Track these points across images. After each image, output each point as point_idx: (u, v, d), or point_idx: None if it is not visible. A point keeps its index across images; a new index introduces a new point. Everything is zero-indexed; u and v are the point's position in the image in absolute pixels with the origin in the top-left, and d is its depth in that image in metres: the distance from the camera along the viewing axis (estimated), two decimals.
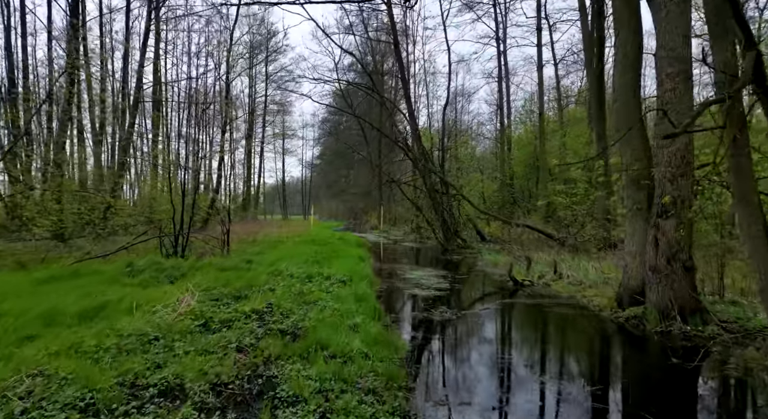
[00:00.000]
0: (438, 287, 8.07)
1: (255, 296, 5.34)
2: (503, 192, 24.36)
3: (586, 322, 5.74)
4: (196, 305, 4.53)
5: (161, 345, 3.40)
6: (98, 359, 3.03)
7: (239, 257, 9.30)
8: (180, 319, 4.08)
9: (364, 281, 7.40)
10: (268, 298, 5.17)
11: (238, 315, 4.40)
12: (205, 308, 4.51)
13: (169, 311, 4.26)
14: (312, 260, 9.53)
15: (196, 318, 4.21)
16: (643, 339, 4.85)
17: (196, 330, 3.93)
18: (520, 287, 8.10)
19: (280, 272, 7.22)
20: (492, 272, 10.36)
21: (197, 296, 5.02)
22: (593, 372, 4.11)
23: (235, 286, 5.83)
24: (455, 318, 5.77)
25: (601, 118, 13.22)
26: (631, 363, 4.40)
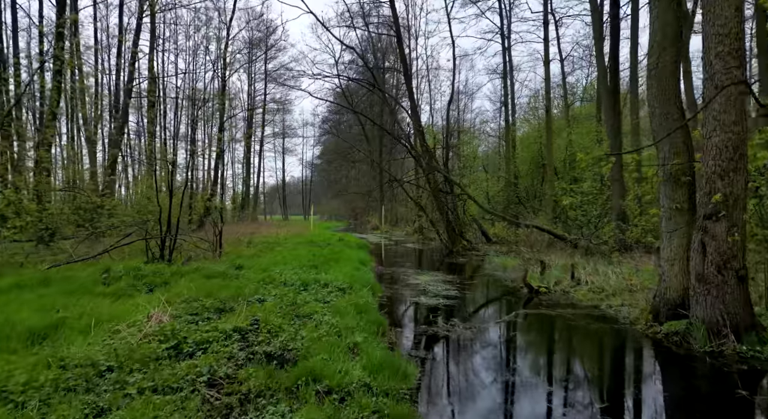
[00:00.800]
0: (446, 294, 7.39)
1: (241, 308, 4.65)
2: (508, 192, 23.67)
3: (620, 339, 5.05)
4: (169, 323, 3.85)
5: (112, 380, 2.72)
6: (23, 403, 2.35)
7: (231, 261, 8.63)
8: (146, 341, 3.40)
9: (365, 288, 6.72)
10: (256, 312, 4.49)
11: (217, 334, 3.72)
12: (180, 326, 3.83)
13: (135, 331, 3.59)
14: (309, 264, 8.85)
15: (165, 339, 3.53)
16: (692, 361, 4.15)
17: (163, 356, 3.25)
18: (536, 294, 7.41)
19: (273, 279, 6.54)
20: (502, 276, 9.67)
21: (173, 310, 4.35)
22: (643, 408, 3.42)
23: (220, 296, 5.15)
24: (469, 332, 5.09)
25: (615, 112, 12.51)
26: (687, 394, 3.70)
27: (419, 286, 8.18)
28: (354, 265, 9.41)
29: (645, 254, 11.27)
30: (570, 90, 26.88)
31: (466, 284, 8.60)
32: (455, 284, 8.41)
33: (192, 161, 25.65)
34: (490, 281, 9.17)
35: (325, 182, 56.61)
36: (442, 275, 9.81)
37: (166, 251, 8.66)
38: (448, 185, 15.99)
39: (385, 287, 8.01)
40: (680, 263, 4.97)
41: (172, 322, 3.89)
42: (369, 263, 11.20)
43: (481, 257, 13.61)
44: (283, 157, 54.90)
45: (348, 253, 12.17)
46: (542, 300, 6.99)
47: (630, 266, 9.10)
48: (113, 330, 3.67)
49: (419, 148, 15.69)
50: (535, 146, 25.45)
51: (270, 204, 65.68)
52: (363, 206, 38.33)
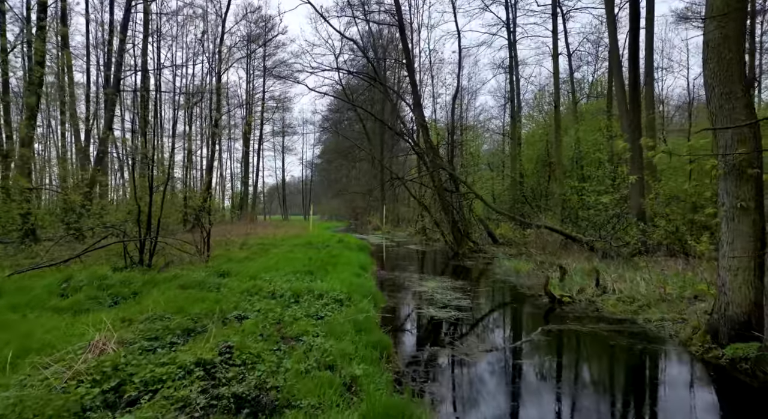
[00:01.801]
0: (457, 304, 6.54)
1: (215, 329, 3.81)
2: (514, 191, 22.80)
3: (674, 364, 4.20)
4: (115, 354, 3.00)
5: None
6: None
7: (217, 266, 7.78)
8: (74, 384, 2.56)
9: (366, 299, 5.88)
10: (231, 334, 3.64)
11: (174, 369, 2.87)
12: (128, 358, 2.99)
13: (64, 368, 2.74)
14: (304, 270, 8.00)
15: (104, 378, 2.69)
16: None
17: (93, 405, 2.41)
18: (559, 304, 6.56)
19: (261, 289, 5.69)
20: (516, 282, 8.82)
21: (128, 333, 3.51)
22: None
23: (193, 312, 4.30)
24: (490, 356, 4.24)
25: (634, 105, 11.64)
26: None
27: (426, 294, 7.33)
28: (353, 270, 8.57)
29: (669, 258, 10.42)
30: (578, 85, 26.00)
31: (478, 292, 7.75)
32: (466, 292, 7.56)
33: (188, 159, 24.84)
34: (504, 288, 8.31)
35: (325, 182, 55.80)
36: (449, 280, 8.96)
37: (146, 255, 7.83)
38: (453, 184, 15.14)
39: (388, 295, 7.16)
40: (746, 274, 4.11)
41: (119, 352, 3.04)
42: (370, 267, 10.36)
43: (490, 260, 12.76)
44: (282, 156, 54.16)
45: (347, 256, 11.32)
46: (567, 312, 6.13)
47: (657, 272, 8.24)
48: (39, 366, 2.83)
49: (423, 144, 14.83)
50: (541, 143, 24.61)
51: (270, 204, 64.93)
52: (364, 205, 37.48)
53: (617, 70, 14.79)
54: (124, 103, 24.54)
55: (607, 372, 4.24)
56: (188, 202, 20.74)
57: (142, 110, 19.70)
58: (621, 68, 15.16)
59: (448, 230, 14.58)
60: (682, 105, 32.73)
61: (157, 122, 27.60)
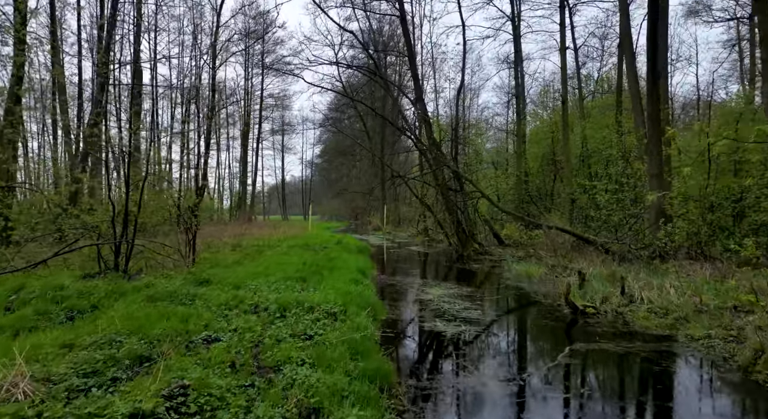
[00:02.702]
0: (467, 316, 5.79)
1: (173, 358, 3.06)
2: (519, 190, 22.03)
3: (741, 400, 3.45)
4: (27, 400, 2.26)
5: None
6: None
7: (200, 272, 7.04)
8: None
9: (364, 311, 5.13)
10: (192, 366, 2.89)
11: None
12: (41, 407, 2.24)
13: None
14: (297, 275, 7.25)
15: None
16: None
17: None
18: (582, 316, 5.81)
19: (243, 300, 4.94)
20: (529, 289, 8.06)
21: (60, 366, 2.76)
22: None
23: (153, 333, 3.56)
24: (513, 386, 3.49)
25: (653, 98, 10.86)
26: None
27: (431, 304, 6.58)
28: (351, 275, 7.81)
29: (692, 261, 9.66)
30: (585, 81, 25.22)
31: (489, 302, 6.99)
32: (475, 301, 6.81)
33: (186, 155, 24.11)
34: (517, 296, 7.55)
35: (325, 182, 55.11)
36: (456, 286, 8.20)
37: (121, 259, 7.09)
38: (458, 182, 14.38)
39: (389, 305, 6.42)
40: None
41: (34, 397, 2.30)
42: (369, 272, 9.61)
43: (497, 263, 12.01)
44: (282, 155, 53.46)
45: (345, 259, 10.57)
46: (593, 326, 5.37)
47: (684, 278, 7.48)
48: None
49: (425, 140, 14.08)
50: (547, 141, 23.87)
51: (269, 204, 64.27)
52: (364, 205, 36.74)
53: (630, 60, 14.04)
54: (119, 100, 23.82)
55: (658, 412, 3.48)
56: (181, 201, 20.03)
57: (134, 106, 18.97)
58: (634, 59, 14.41)
59: (452, 231, 13.83)
60: (689, 103, 31.99)
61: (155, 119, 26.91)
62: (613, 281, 8.45)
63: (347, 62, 18.61)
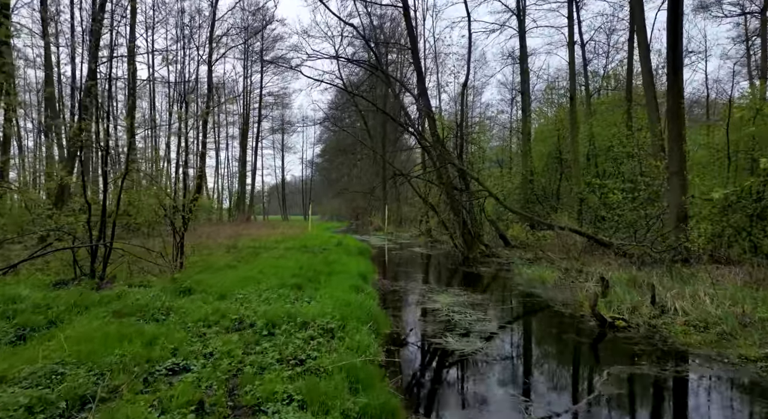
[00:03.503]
0: (481, 330, 5.13)
1: (123, 398, 2.42)
2: (525, 189, 21.36)
3: None
4: None
5: None
6: None
7: (185, 279, 6.38)
8: None
9: (365, 326, 4.49)
10: (142, 411, 2.25)
11: None
12: None
13: None
14: (292, 282, 6.60)
15: None
16: None
17: None
18: (611, 329, 5.15)
19: (225, 314, 4.29)
20: (545, 296, 7.39)
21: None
22: None
23: (107, 361, 2.91)
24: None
25: (673, 92, 10.17)
26: None
27: (440, 314, 5.92)
28: (351, 281, 7.16)
29: (719, 265, 9.00)
30: (592, 78, 24.51)
31: (504, 311, 6.34)
32: (488, 311, 6.15)
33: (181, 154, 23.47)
34: (534, 305, 6.88)
35: (326, 182, 54.47)
36: (464, 293, 7.55)
37: (98, 264, 6.45)
38: (463, 181, 13.72)
39: (393, 316, 5.76)
40: None
41: None
42: (371, 276, 8.96)
43: (506, 266, 11.35)
44: (282, 154, 52.86)
45: (345, 262, 9.93)
46: (626, 342, 4.72)
47: (717, 285, 6.82)
48: None
49: (429, 137, 13.41)
50: (553, 139, 23.22)
51: (270, 204, 63.67)
52: (365, 205, 36.07)
53: (645, 52, 13.38)
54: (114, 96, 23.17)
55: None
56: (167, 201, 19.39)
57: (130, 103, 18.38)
58: (649, 51, 13.74)
59: (457, 232, 13.17)
60: (696, 100, 31.25)
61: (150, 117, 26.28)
62: (634, 286, 7.82)
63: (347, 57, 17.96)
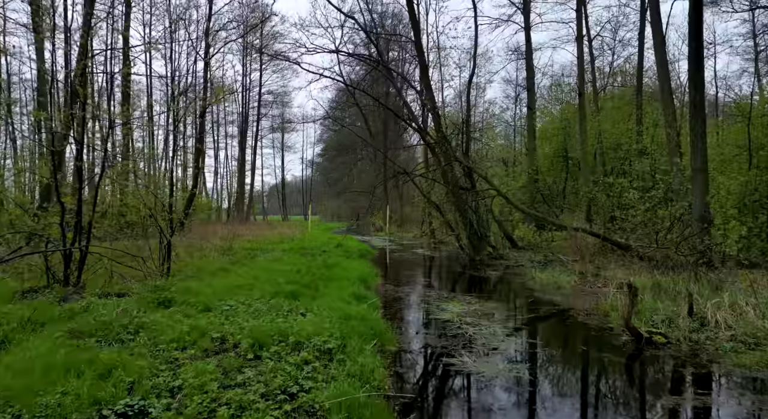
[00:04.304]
0: (503, 348, 4.49)
1: None
2: (531, 189, 20.71)
3: None
4: None
5: None
6: None
7: (167, 287, 5.76)
8: None
9: (368, 344, 3.87)
10: None
11: None
12: None
13: None
14: (287, 290, 5.97)
15: None
16: None
17: None
18: (649, 346, 4.51)
19: (205, 332, 3.66)
20: (564, 304, 6.76)
21: None
22: None
23: (40, 403, 2.29)
24: None
25: (695, 81, 9.52)
26: None
27: (451, 326, 5.28)
28: (352, 288, 6.55)
29: (748, 270, 8.37)
30: (600, 74, 23.88)
31: (522, 323, 5.70)
32: (505, 323, 5.52)
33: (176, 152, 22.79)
34: (555, 315, 6.23)
35: (326, 182, 53.86)
36: (476, 300, 6.91)
37: (73, 270, 5.83)
38: (469, 180, 13.08)
39: (398, 330, 5.13)
40: None
41: None
42: (373, 281, 8.34)
43: (515, 269, 10.72)
44: (282, 154, 52.17)
45: (346, 266, 9.31)
46: (671, 363, 4.08)
47: (755, 292, 6.18)
48: None
49: (434, 134, 12.77)
50: (558, 138, 22.58)
51: (270, 204, 63.09)
52: (366, 205, 35.45)
53: (659, 44, 12.75)
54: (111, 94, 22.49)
55: None
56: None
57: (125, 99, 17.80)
58: (664, 42, 13.12)
59: (463, 233, 12.54)
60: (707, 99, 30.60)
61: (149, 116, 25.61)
62: (659, 292, 7.21)
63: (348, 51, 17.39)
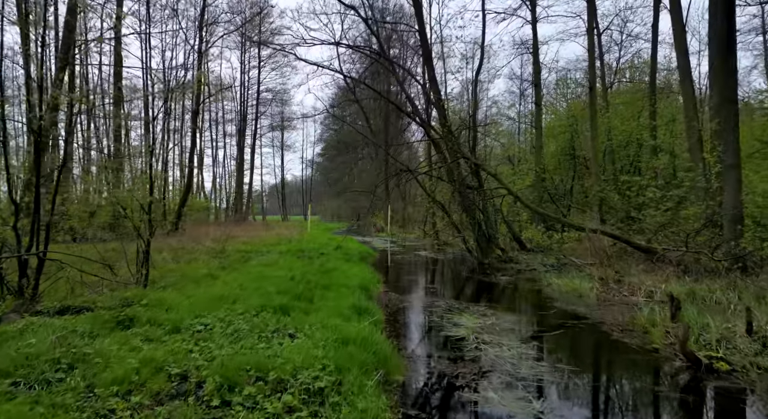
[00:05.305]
0: (530, 375, 3.72)
1: None
2: (539, 188, 19.91)
3: None
4: None
5: None
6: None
7: (139, 297, 4.99)
8: None
9: (371, 379, 3.09)
10: None
11: None
12: None
13: None
14: (277, 302, 5.18)
15: None
16: None
17: None
18: (709, 374, 3.73)
19: (163, 366, 2.88)
20: (591, 317, 5.96)
21: None
22: None
23: None
24: None
25: (725, 70, 8.73)
26: None
27: (467, 347, 4.50)
28: (352, 298, 5.76)
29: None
30: (609, 68, 23.07)
31: (549, 342, 4.90)
32: (529, 342, 4.73)
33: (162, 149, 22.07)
34: (584, 332, 5.41)
35: (326, 181, 53.09)
36: (490, 312, 6.13)
37: (31, 280, 5.05)
38: (476, 178, 12.29)
39: (405, 351, 4.35)
40: None
41: None
42: (375, 288, 7.56)
43: (528, 274, 9.93)
44: (282, 153, 51.38)
45: (345, 271, 8.54)
46: (752, 403, 3.30)
47: None
48: None
49: (439, 128, 11.98)
50: (566, 135, 21.80)
51: (270, 204, 62.36)
52: (367, 205, 34.69)
53: (679, 31, 11.94)
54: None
55: None
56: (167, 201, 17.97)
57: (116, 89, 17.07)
58: (684, 30, 12.31)
59: (471, 235, 11.75)
60: None
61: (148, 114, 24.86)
62: (696, 302, 6.44)
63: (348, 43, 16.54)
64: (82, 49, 13.88)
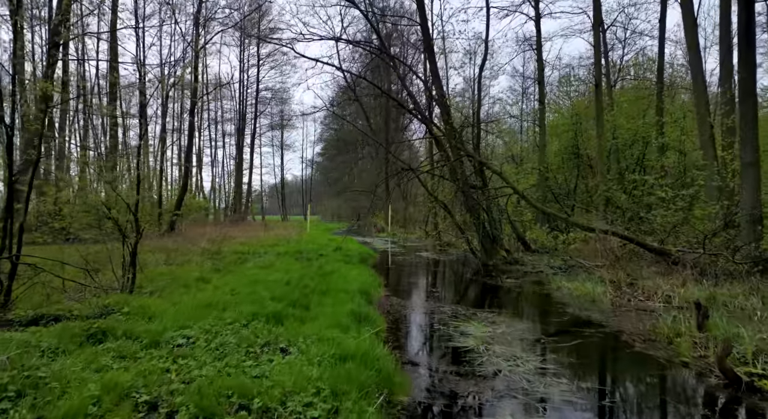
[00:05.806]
0: (549, 393, 3.32)
1: None
2: (543, 187, 19.52)
3: None
4: None
5: None
6: None
7: (121, 305, 4.59)
8: None
9: (372, 406, 2.69)
10: None
11: None
12: None
13: None
14: (270, 310, 4.77)
15: None
16: None
17: None
18: (754, 395, 3.33)
19: (130, 392, 2.49)
20: (611, 326, 5.55)
21: None
22: None
23: None
24: None
25: (747, 61, 8.29)
26: None
27: (479, 360, 4.10)
28: (350, 305, 5.36)
29: None
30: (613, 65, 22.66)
31: (566, 354, 4.48)
32: (544, 354, 4.33)
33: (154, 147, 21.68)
34: (603, 342, 4.99)
35: (326, 181, 52.69)
36: (500, 319, 5.73)
37: (2, 287, 4.66)
38: (480, 177, 11.89)
39: (410, 368, 3.94)
40: None
41: None
42: (375, 292, 7.15)
43: (535, 277, 9.53)
44: (282, 152, 51.00)
45: (344, 274, 8.14)
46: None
47: None
48: None
49: (441, 125, 11.58)
50: (569, 134, 21.41)
51: (270, 203, 62.00)
52: (367, 205, 34.31)
53: (690, 25, 11.54)
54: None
55: None
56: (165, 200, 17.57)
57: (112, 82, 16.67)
58: (696, 24, 11.90)
59: (475, 235, 11.35)
60: None
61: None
62: (718, 307, 6.04)
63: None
64: (71, 31, 13.48)
